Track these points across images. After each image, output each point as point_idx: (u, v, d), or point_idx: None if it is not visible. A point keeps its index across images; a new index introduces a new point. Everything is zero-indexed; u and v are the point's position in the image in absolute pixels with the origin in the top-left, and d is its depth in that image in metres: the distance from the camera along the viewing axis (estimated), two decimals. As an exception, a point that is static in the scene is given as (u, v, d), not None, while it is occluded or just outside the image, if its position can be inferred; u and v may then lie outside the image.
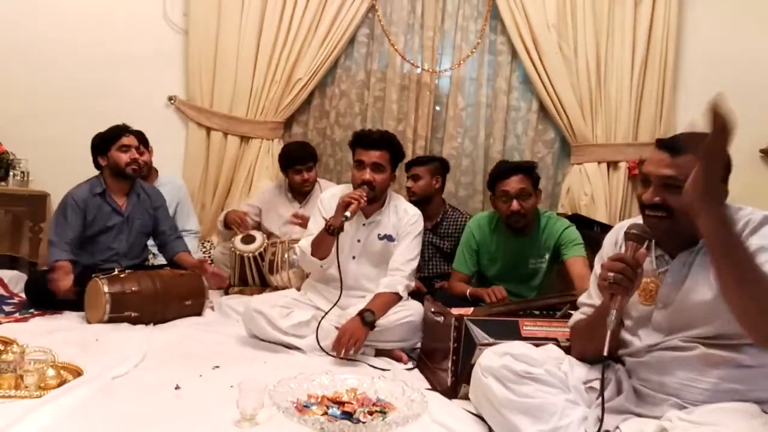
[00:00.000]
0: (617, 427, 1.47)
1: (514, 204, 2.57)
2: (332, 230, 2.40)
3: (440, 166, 3.30)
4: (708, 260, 1.38)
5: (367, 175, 2.48)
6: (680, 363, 1.45)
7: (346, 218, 2.37)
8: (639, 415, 1.47)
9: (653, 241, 1.55)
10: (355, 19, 3.73)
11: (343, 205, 2.40)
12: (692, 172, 1.24)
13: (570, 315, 2.13)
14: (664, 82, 3.82)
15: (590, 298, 1.70)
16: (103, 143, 2.92)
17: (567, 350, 1.73)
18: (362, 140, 2.54)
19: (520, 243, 2.69)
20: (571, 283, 2.58)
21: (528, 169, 2.64)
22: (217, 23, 3.72)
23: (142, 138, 3.45)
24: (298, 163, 3.36)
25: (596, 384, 1.58)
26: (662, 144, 1.49)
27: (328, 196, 2.67)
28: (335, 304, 2.45)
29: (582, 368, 1.62)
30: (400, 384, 1.68)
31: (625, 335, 1.60)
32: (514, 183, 2.58)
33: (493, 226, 2.76)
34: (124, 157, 2.89)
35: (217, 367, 2.14)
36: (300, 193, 3.47)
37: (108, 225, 2.92)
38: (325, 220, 2.48)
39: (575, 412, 1.51)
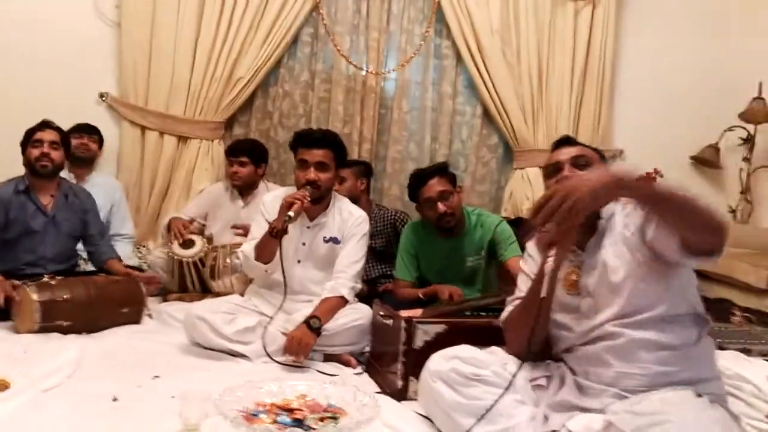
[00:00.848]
0: (564, 425, 1.50)
1: (440, 206, 2.60)
2: (276, 233, 2.34)
3: (364, 169, 3.40)
4: (609, 241, 1.54)
5: (312, 174, 2.43)
6: (613, 352, 1.49)
7: (289, 218, 2.32)
8: (582, 408, 1.51)
9: None
10: (298, 17, 3.67)
11: (286, 205, 2.35)
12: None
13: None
14: (602, 89, 3.94)
15: (519, 291, 1.75)
16: (24, 139, 2.80)
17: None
18: (304, 139, 2.49)
19: (455, 242, 2.72)
20: (512, 282, 2.62)
21: (442, 170, 2.67)
22: (152, 16, 3.56)
23: (86, 128, 3.41)
24: (231, 155, 3.36)
25: (542, 381, 1.64)
26: (559, 142, 1.74)
27: (271, 198, 2.61)
28: (279, 308, 2.40)
29: (526, 369, 1.65)
30: (352, 389, 1.65)
31: (559, 332, 1.65)
32: (433, 187, 2.60)
33: (427, 231, 2.77)
34: (35, 152, 2.75)
35: (157, 376, 2.06)
36: (240, 189, 3.40)
37: (32, 226, 2.76)
38: (269, 223, 2.42)
39: (522, 412, 1.55)
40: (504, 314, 1.77)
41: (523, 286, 1.74)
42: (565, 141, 1.73)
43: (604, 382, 1.50)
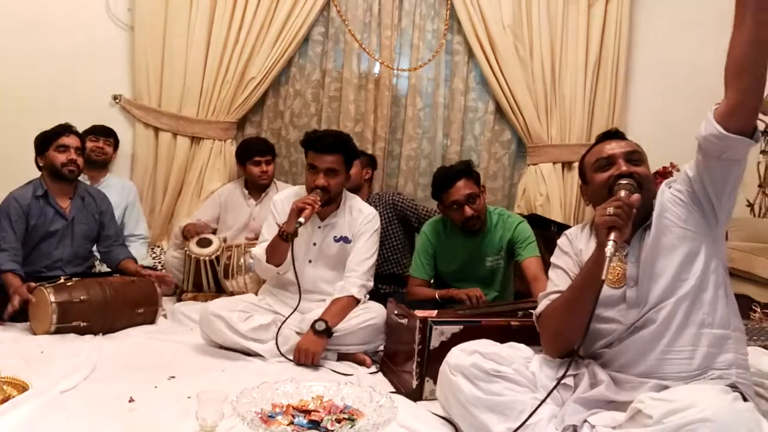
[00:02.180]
0: (585, 421, 1.50)
1: (467, 210, 2.57)
2: (286, 236, 2.35)
3: (369, 161, 3.42)
4: (656, 231, 1.58)
5: (321, 180, 2.42)
6: (658, 337, 1.53)
7: (300, 224, 2.31)
8: (619, 403, 1.50)
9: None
10: (309, 17, 3.66)
11: (297, 210, 2.34)
12: None
13: (530, 315, 2.15)
14: (616, 84, 3.90)
15: (555, 285, 1.74)
16: (42, 143, 2.79)
17: (527, 342, 1.75)
18: (314, 144, 2.46)
19: (476, 242, 2.69)
20: (528, 282, 2.59)
21: (468, 171, 2.62)
22: (164, 19, 3.58)
23: (103, 131, 3.43)
24: (258, 155, 3.36)
25: (569, 381, 1.61)
26: (607, 135, 1.77)
27: (282, 198, 2.61)
28: (294, 310, 2.39)
29: (551, 368, 1.64)
30: (368, 389, 1.65)
31: (604, 327, 1.63)
32: (461, 190, 2.56)
33: (448, 230, 2.74)
34: (61, 158, 2.75)
35: (173, 377, 2.06)
36: (256, 189, 3.43)
37: (51, 230, 2.77)
38: (279, 225, 2.42)
39: (543, 410, 1.53)
40: (539, 309, 1.74)
41: (558, 280, 1.73)
42: (614, 134, 1.76)
43: (644, 374, 1.52)
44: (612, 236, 1.48)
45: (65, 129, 2.82)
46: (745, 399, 1.43)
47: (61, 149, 2.76)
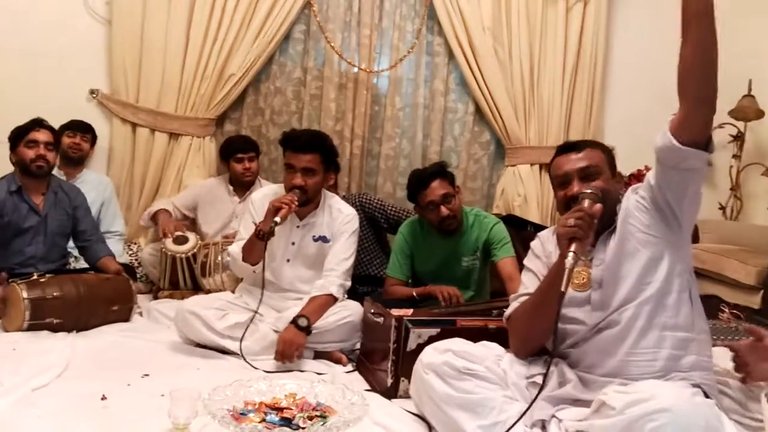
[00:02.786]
0: (553, 416, 1.53)
1: (443, 210, 2.59)
2: (262, 235, 2.35)
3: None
4: (620, 236, 1.62)
5: (299, 179, 2.43)
6: (621, 339, 1.56)
7: (276, 224, 2.32)
8: (586, 402, 1.53)
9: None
10: (290, 14, 3.65)
11: (273, 210, 2.34)
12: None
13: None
14: (593, 87, 3.96)
15: (525, 288, 1.77)
16: (14, 138, 2.75)
17: (501, 342, 1.78)
18: (292, 143, 2.46)
19: (452, 243, 2.71)
20: (503, 282, 2.62)
21: (443, 172, 2.65)
22: (143, 12, 3.54)
23: (81, 126, 3.37)
24: (240, 152, 3.35)
25: (538, 379, 1.64)
26: (564, 148, 1.78)
27: (259, 197, 2.60)
28: (259, 305, 2.39)
29: (521, 366, 1.68)
30: (341, 387, 1.66)
31: (570, 327, 1.67)
32: (436, 190, 2.59)
33: (425, 230, 2.76)
34: (30, 153, 2.71)
35: (147, 375, 2.06)
36: (241, 186, 3.42)
37: (24, 227, 2.73)
38: (255, 224, 2.41)
39: (513, 408, 1.57)
40: (509, 311, 1.78)
41: (528, 283, 1.76)
42: (571, 147, 1.76)
43: (609, 374, 1.55)
44: (572, 247, 1.50)
45: (35, 124, 2.77)
46: (708, 396, 1.47)
47: (31, 145, 2.72)
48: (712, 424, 1.29)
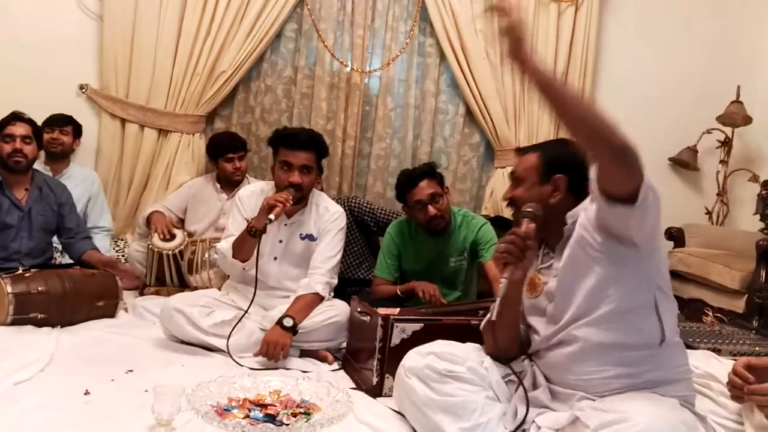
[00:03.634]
0: (533, 421, 1.53)
1: (431, 209, 2.60)
2: (254, 232, 2.34)
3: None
4: (573, 249, 1.51)
5: (296, 177, 2.43)
6: (575, 359, 1.51)
7: (270, 221, 2.31)
8: (553, 410, 1.53)
9: (543, 241, 1.66)
10: (282, 13, 3.65)
11: (267, 208, 2.33)
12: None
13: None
14: (583, 90, 3.96)
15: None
16: None
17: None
18: (289, 140, 2.46)
19: (440, 243, 2.72)
20: (490, 284, 2.64)
21: (431, 172, 2.67)
22: (135, 9, 3.52)
23: (59, 120, 3.32)
24: (230, 151, 3.32)
25: (513, 378, 1.64)
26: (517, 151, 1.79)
27: (247, 193, 2.60)
28: (249, 307, 2.37)
29: (501, 366, 1.67)
30: (326, 385, 1.66)
31: (531, 335, 1.67)
32: (423, 190, 2.60)
33: (412, 230, 2.77)
34: (6, 148, 2.68)
35: (131, 371, 2.04)
36: (229, 184, 3.40)
37: (6, 222, 2.70)
38: (247, 221, 2.41)
39: (494, 409, 1.57)
40: (483, 323, 1.75)
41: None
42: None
43: (571, 387, 1.52)
44: (505, 274, 1.50)
45: (11, 117, 2.74)
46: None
47: (7, 139, 2.69)
48: None
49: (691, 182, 4.26)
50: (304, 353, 2.40)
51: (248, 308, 2.37)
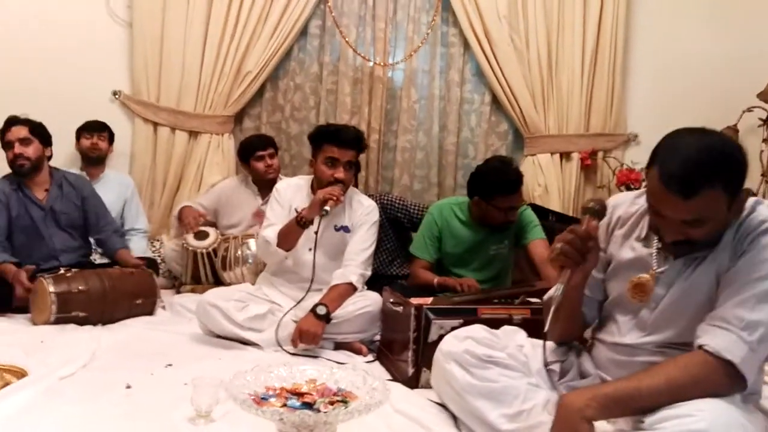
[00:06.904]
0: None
1: (512, 217, 2.62)
2: (304, 222, 2.38)
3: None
4: (707, 268, 1.34)
5: (342, 173, 2.47)
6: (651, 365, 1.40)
7: (326, 213, 2.36)
8: None
9: (658, 236, 1.42)
10: (305, 10, 3.67)
11: (322, 200, 2.37)
12: None
13: (527, 302, 2.17)
14: (613, 74, 3.87)
15: None
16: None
17: (525, 328, 1.72)
18: (337, 138, 2.49)
19: (487, 232, 2.71)
20: (526, 271, 2.61)
21: (521, 182, 2.64)
22: (162, 15, 3.60)
23: (96, 126, 3.40)
24: (259, 149, 3.31)
25: (555, 366, 1.59)
26: (672, 187, 1.27)
27: (284, 186, 2.65)
28: (302, 299, 2.40)
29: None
30: (362, 373, 1.65)
31: (609, 325, 1.55)
32: (517, 198, 2.61)
33: (461, 217, 2.74)
34: (9, 155, 2.75)
35: (170, 365, 2.08)
36: (264, 186, 3.34)
37: (31, 222, 2.77)
38: (297, 211, 2.44)
39: (538, 395, 1.52)
40: (548, 294, 1.60)
41: None
42: (681, 186, 1.28)
43: None
44: (560, 279, 1.39)
45: (6, 123, 2.79)
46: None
47: (7, 147, 2.76)
48: None
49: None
50: (339, 346, 2.41)
51: (303, 298, 2.41)
